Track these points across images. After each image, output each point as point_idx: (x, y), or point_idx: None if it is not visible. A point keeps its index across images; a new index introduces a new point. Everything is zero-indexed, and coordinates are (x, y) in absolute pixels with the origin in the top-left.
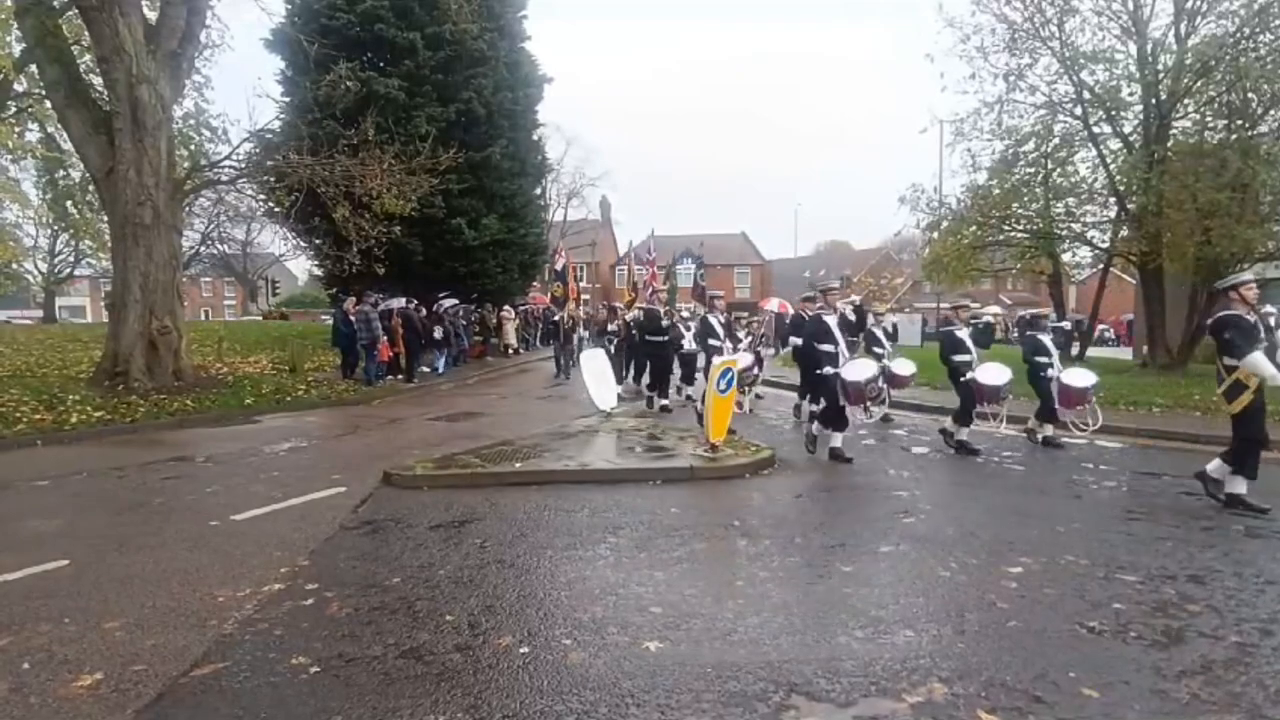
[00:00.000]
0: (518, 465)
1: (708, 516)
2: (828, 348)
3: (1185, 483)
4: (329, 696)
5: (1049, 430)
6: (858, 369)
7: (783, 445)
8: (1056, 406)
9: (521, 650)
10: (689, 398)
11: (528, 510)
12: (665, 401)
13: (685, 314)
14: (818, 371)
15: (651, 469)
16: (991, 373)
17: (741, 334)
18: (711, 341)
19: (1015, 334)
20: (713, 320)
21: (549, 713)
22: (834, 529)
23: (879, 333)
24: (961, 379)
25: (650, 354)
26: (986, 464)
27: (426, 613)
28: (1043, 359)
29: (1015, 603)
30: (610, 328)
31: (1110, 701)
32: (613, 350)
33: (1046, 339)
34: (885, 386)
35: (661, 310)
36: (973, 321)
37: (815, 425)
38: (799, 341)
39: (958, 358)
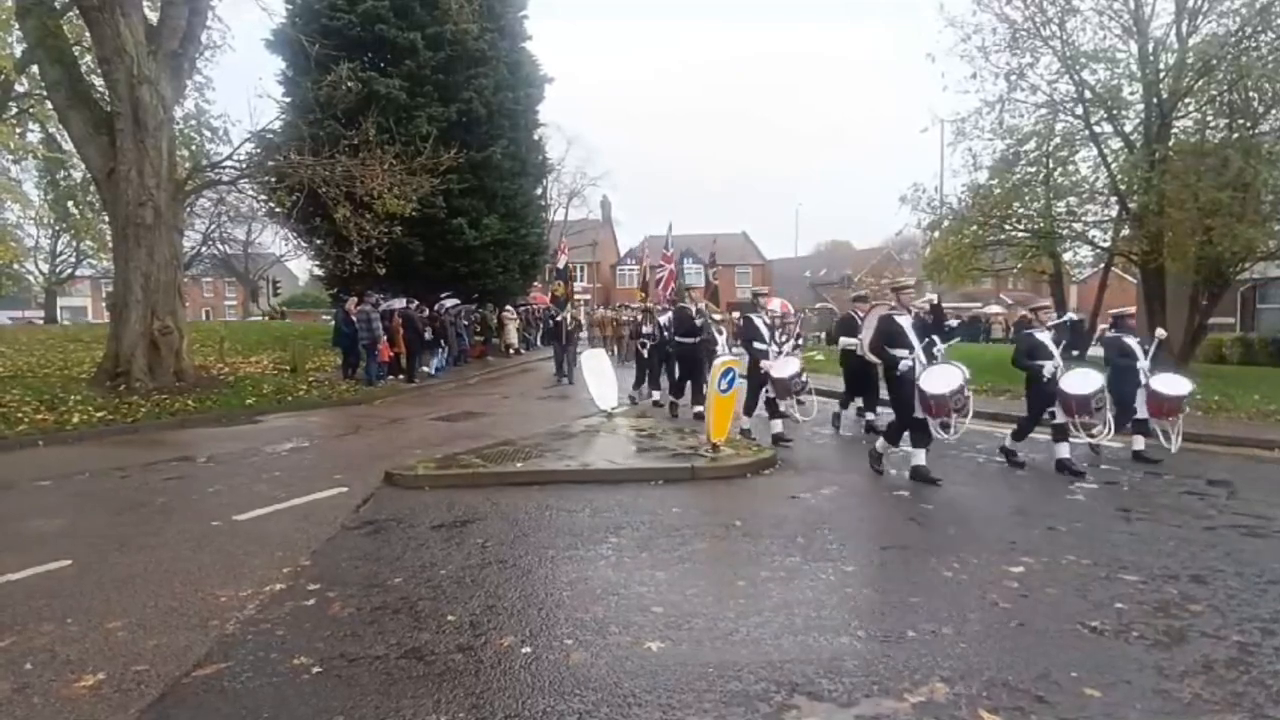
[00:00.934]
0: (519, 465)
1: (709, 516)
2: (901, 353)
3: (1187, 482)
4: (331, 697)
5: (1139, 444)
6: (940, 378)
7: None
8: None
9: (523, 650)
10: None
11: (529, 510)
12: (675, 400)
13: (717, 315)
14: (897, 374)
15: (653, 469)
16: (1078, 379)
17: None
18: (757, 345)
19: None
20: (758, 321)
21: (551, 713)
22: (835, 529)
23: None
24: (1043, 383)
25: (680, 356)
26: (988, 464)
27: (428, 613)
28: (1127, 361)
29: (1017, 602)
30: (645, 330)
31: (1112, 701)
32: (645, 354)
33: (1132, 340)
34: (970, 396)
35: (693, 310)
36: (1060, 321)
37: (881, 441)
38: (851, 343)
39: (1039, 363)
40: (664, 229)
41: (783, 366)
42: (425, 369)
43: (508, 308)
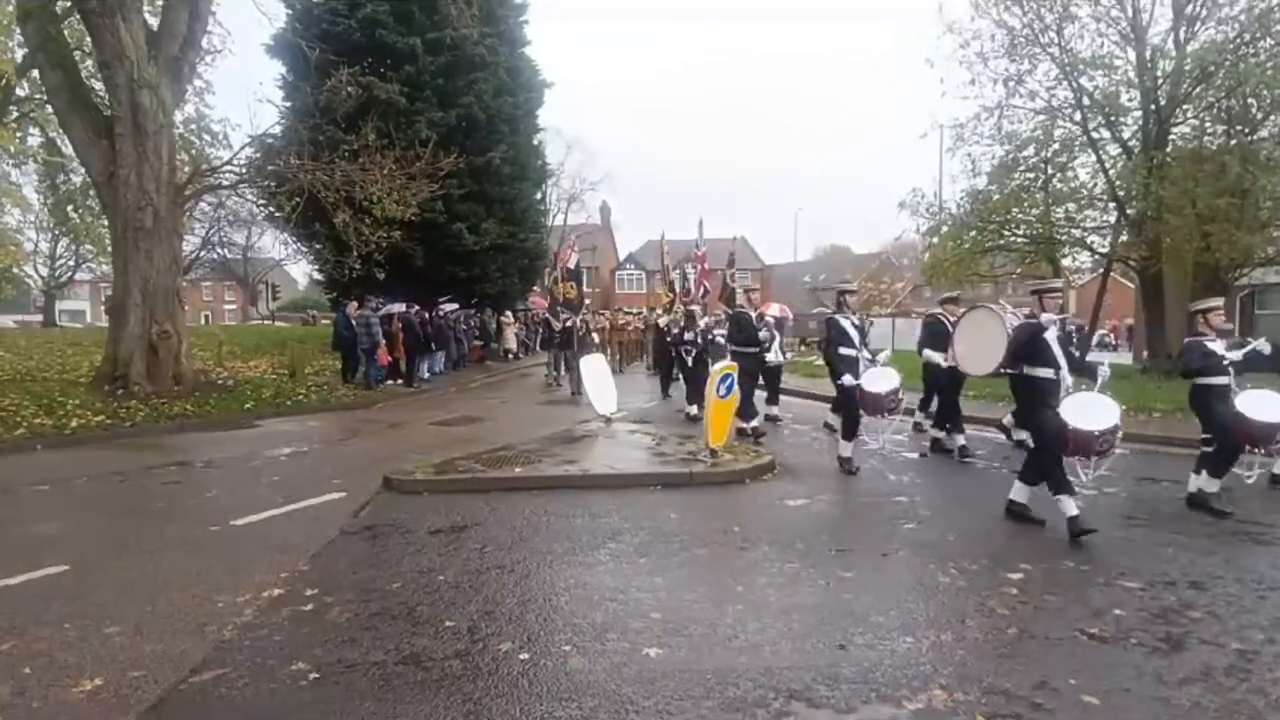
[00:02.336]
0: (518, 470)
1: (708, 522)
2: (1046, 373)
3: (1185, 488)
4: (328, 702)
5: None
6: (1089, 412)
7: (783, 451)
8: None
9: (521, 656)
10: (774, 419)
11: (527, 515)
12: (755, 423)
13: (771, 318)
14: (1039, 408)
15: (651, 474)
16: (1263, 402)
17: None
18: (844, 350)
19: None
20: (844, 323)
21: (549, 719)
22: (834, 535)
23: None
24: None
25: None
26: (987, 470)
27: (426, 618)
28: None
29: (1016, 609)
30: (687, 336)
31: (1111, 708)
32: (690, 364)
33: None
34: (1119, 437)
35: (753, 314)
36: (1244, 340)
37: (1021, 488)
38: (937, 357)
39: (1211, 380)
40: (665, 233)
41: (879, 379)
42: (430, 373)
43: (506, 312)
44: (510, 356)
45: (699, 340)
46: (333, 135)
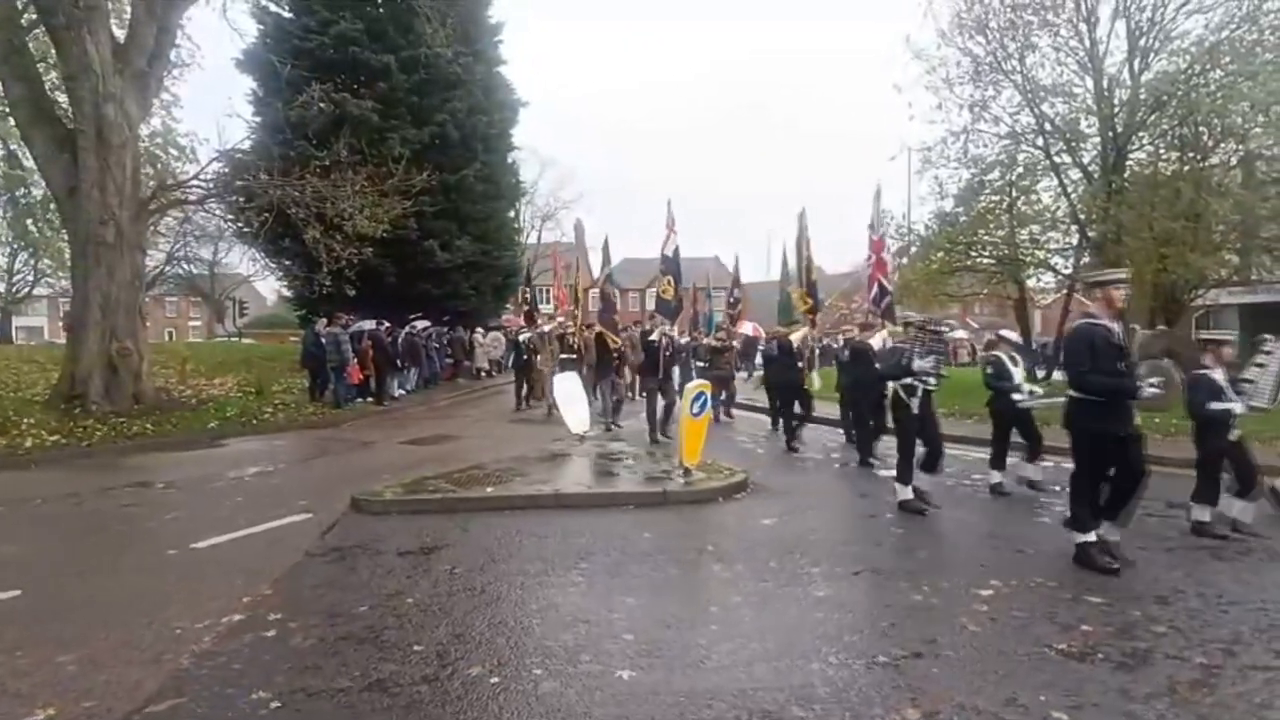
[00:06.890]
0: (489, 490)
1: (681, 541)
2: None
3: (1147, 504)
4: None
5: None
6: None
7: (756, 469)
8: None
9: (491, 680)
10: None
11: (499, 536)
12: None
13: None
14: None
15: (624, 493)
16: None
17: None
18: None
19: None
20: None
21: None
22: (808, 553)
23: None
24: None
25: (1011, 413)
26: (957, 487)
27: (394, 643)
28: None
29: (986, 625)
30: (918, 365)
31: None
32: (916, 411)
33: None
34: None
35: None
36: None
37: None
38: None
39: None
40: (633, 253)
41: None
42: (402, 390)
43: (479, 329)
44: (482, 375)
45: (943, 365)
46: (304, 151)
